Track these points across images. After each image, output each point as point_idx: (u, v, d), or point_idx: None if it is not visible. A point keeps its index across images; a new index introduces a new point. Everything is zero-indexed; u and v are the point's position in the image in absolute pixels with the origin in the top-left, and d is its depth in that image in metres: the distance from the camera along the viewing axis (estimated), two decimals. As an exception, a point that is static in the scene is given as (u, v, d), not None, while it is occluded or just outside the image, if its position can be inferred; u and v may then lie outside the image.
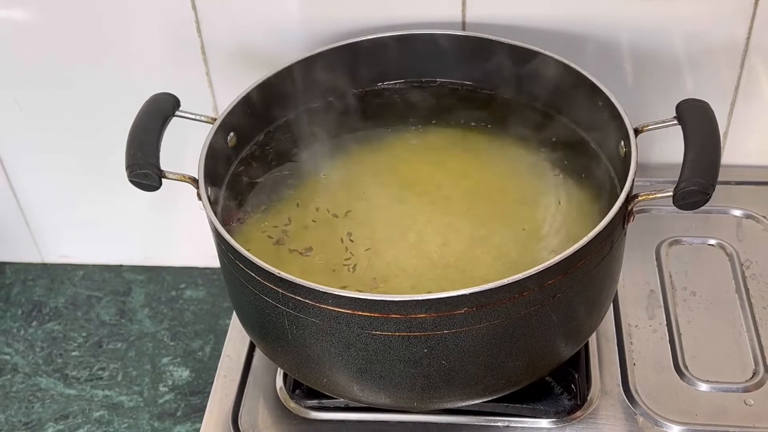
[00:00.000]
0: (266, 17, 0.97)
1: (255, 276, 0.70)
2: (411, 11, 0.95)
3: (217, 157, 0.83)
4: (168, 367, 1.10)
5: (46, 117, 1.07)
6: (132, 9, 0.97)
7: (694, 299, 0.92)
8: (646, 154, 1.04)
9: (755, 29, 0.95)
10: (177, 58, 1.00)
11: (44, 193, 1.15)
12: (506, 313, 0.69)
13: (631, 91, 1.00)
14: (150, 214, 1.16)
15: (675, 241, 0.98)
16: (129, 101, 0.84)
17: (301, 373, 0.79)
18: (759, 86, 1.00)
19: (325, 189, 0.86)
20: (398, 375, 0.72)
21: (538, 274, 0.67)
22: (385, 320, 0.67)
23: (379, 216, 0.82)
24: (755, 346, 0.87)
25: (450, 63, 0.94)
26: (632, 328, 0.89)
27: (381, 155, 0.89)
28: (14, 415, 1.06)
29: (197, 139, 0.80)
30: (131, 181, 0.76)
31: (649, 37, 0.96)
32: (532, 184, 0.84)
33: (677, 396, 0.83)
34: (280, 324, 0.72)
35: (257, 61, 0.99)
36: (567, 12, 0.95)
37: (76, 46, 1.00)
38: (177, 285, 1.20)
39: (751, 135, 1.04)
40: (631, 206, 0.74)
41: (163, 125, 0.80)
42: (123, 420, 1.04)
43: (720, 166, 0.72)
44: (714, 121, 0.76)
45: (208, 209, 0.74)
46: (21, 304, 1.19)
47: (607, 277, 0.77)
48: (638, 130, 0.79)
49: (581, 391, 0.84)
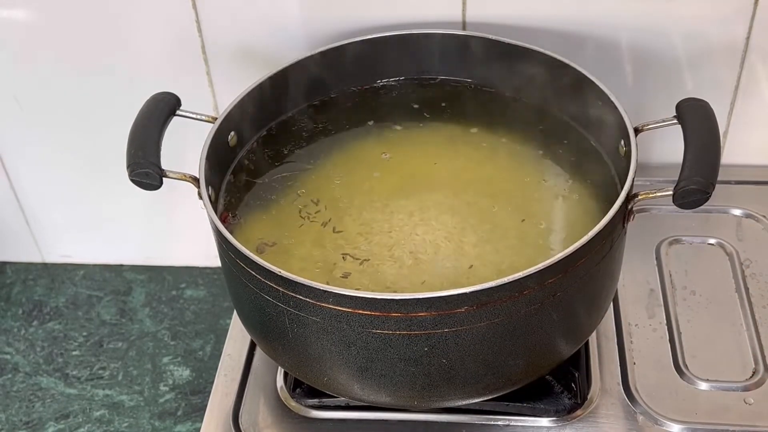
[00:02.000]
0: (267, 17, 0.97)
1: (256, 275, 0.70)
2: (411, 11, 0.95)
3: (218, 157, 0.83)
4: (168, 366, 1.10)
5: (47, 116, 1.07)
6: (133, 9, 0.97)
7: (694, 298, 0.92)
8: (646, 153, 1.04)
9: (755, 29, 0.95)
10: (178, 58, 1.00)
11: (45, 192, 1.15)
12: (506, 312, 0.69)
13: (631, 91, 1.00)
14: (151, 214, 1.16)
15: (675, 240, 0.98)
16: (130, 101, 0.84)
17: (301, 372, 0.79)
18: (759, 86, 1.00)
19: (325, 187, 0.86)
20: (399, 374, 0.72)
21: (539, 273, 0.67)
22: (385, 319, 0.67)
23: (380, 214, 0.82)
24: (755, 345, 0.87)
25: (450, 62, 0.94)
26: (632, 327, 0.89)
27: (381, 153, 0.89)
28: (15, 415, 1.06)
29: (198, 138, 0.81)
30: (132, 180, 0.76)
31: (649, 37, 0.96)
32: (532, 183, 0.84)
33: (677, 395, 0.83)
34: (281, 323, 0.72)
35: (258, 61, 0.99)
36: (567, 12, 0.95)
37: (76, 45, 1.00)
38: (177, 284, 1.20)
39: (750, 134, 1.04)
40: (631, 205, 0.74)
41: (164, 124, 0.80)
42: (123, 419, 1.04)
43: (720, 165, 0.72)
44: (714, 121, 0.76)
45: (209, 208, 0.74)
46: (21, 304, 1.19)
47: (607, 276, 0.77)
48: (638, 129, 0.79)
49: (581, 390, 0.84)
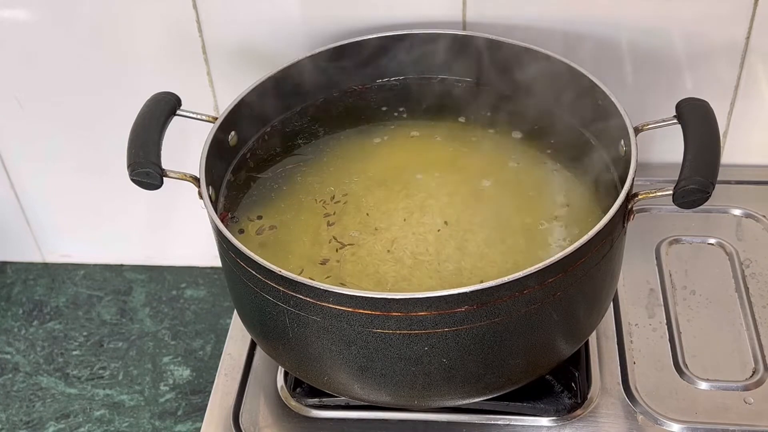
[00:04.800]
0: (267, 16, 0.97)
1: (256, 274, 0.71)
2: (411, 11, 0.95)
3: (218, 156, 0.83)
4: (169, 366, 1.10)
5: (48, 116, 1.07)
6: (133, 8, 0.97)
7: (694, 298, 0.92)
8: (646, 153, 1.04)
9: (755, 29, 0.95)
10: (178, 58, 1.00)
11: (45, 192, 1.15)
12: (507, 312, 0.69)
13: (631, 91, 1.00)
14: (151, 214, 1.16)
15: (675, 240, 0.98)
16: (130, 100, 0.84)
17: (302, 372, 0.79)
18: (758, 85, 1.00)
19: (326, 186, 0.86)
20: (399, 373, 0.72)
21: (539, 273, 0.67)
22: (385, 318, 0.68)
23: (380, 213, 0.82)
24: (755, 344, 0.87)
25: (450, 62, 0.94)
26: (632, 326, 0.89)
27: (382, 151, 0.89)
28: (15, 414, 1.06)
29: (198, 138, 0.81)
30: (133, 179, 0.76)
31: (649, 37, 0.97)
32: (532, 182, 0.84)
33: (677, 394, 0.83)
34: (281, 322, 0.73)
35: (258, 61, 0.99)
36: (567, 12, 0.95)
37: (77, 45, 1.00)
38: (178, 284, 1.20)
39: (750, 134, 1.04)
40: (631, 205, 0.74)
41: (165, 124, 0.80)
42: (124, 419, 1.04)
43: (720, 165, 0.73)
44: (714, 120, 0.76)
45: (209, 208, 0.74)
46: (22, 304, 1.19)
47: (608, 276, 0.77)
48: (638, 129, 0.79)
49: (581, 390, 0.84)
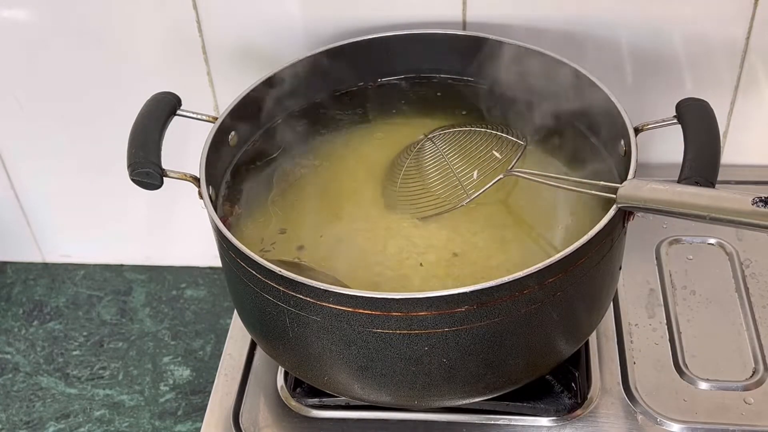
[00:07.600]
0: (267, 16, 0.97)
1: (256, 274, 0.71)
2: (411, 11, 0.95)
3: (218, 156, 0.83)
4: (169, 366, 1.10)
5: (47, 116, 1.07)
6: (133, 8, 0.97)
7: (694, 298, 0.92)
8: (646, 153, 1.04)
9: (754, 29, 0.95)
10: (178, 58, 1.00)
11: (45, 192, 1.15)
12: (507, 311, 0.69)
13: (631, 91, 1.00)
14: (151, 214, 1.16)
15: (675, 240, 0.98)
16: (130, 100, 0.84)
17: (302, 372, 0.79)
18: (758, 85, 1.00)
19: (326, 186, 0.86)
20: (399, 373, 0.72)
21: (539, 272, 0.67)
22: (385, 318, 0.68)
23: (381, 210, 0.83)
24: (755, 344, 0.87)
25: (450, 62, 0.94)
26: (632, 326, 0.89)
27: (383, 151, 0.89)
28: (15, 414, 1.06)
29: (198, 138, 0.81)
30: (133, 179, 0.76)
31: (649, 37, 0.97)
32: (532, 182, 0.84)
33: (677, 394, 0.83)
34: (281, 322, 0.73)
35: (258, 61, 0.99)
36: (567, 12, 0.95)
37: (77, 45, 1.00)
38: (178, 284, 1.20)
39: (750, 134, 1.04)
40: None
41: (165, 124, 0.80)
42: (124, 419, 1.04)
43: (720, 164, 0.73)
44: (714, 120, 0.76)
45: (209, 208, 0.74)
46: (22, 304, 1.19)
47: (607, 276, 0.77)
48: (638, 129, 0.79)
49: (581, 390, 0.84)
